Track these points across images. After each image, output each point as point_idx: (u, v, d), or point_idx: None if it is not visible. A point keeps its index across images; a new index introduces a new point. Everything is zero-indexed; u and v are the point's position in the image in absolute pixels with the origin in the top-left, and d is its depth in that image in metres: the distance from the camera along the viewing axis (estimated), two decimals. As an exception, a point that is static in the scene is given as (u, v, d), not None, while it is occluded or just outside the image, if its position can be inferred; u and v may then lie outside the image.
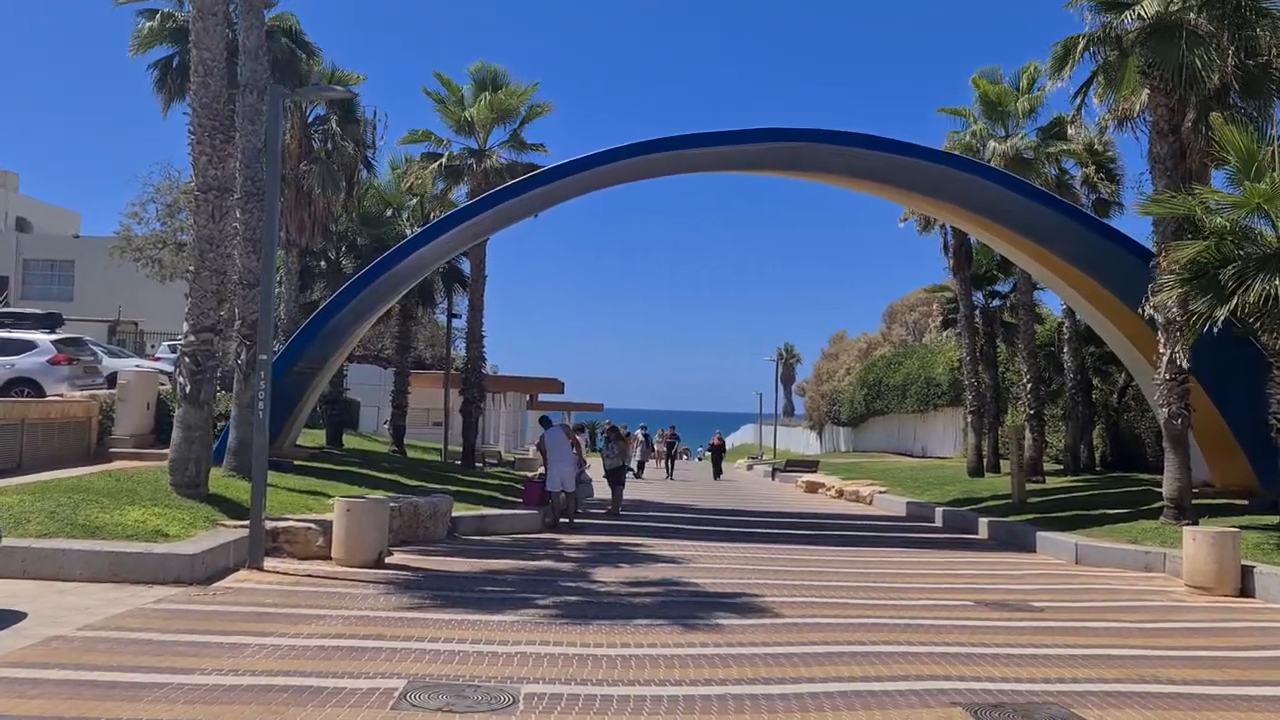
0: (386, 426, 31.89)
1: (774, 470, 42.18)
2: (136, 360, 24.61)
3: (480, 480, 23.15)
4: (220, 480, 14.47)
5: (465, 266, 28.61)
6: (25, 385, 18.84)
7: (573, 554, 14.17)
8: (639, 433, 39.05)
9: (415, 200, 27.87)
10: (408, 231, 25.71)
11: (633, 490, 26.42)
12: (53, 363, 19.59)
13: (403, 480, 19.26)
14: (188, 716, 6.04)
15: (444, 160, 25.85)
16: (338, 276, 25.46)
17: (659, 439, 43.94)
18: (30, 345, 19.85)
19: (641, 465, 37.45)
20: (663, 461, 41.12)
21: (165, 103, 20.46)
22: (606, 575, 12.20)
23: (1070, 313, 26.59)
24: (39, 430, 16.24)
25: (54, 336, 20.81)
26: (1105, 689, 7.47)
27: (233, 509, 12.97)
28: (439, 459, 28.83)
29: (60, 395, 18.64)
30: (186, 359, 13.55)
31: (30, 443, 15.85)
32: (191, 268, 13.86)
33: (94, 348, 22.73)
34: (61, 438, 16.91)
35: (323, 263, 26.95)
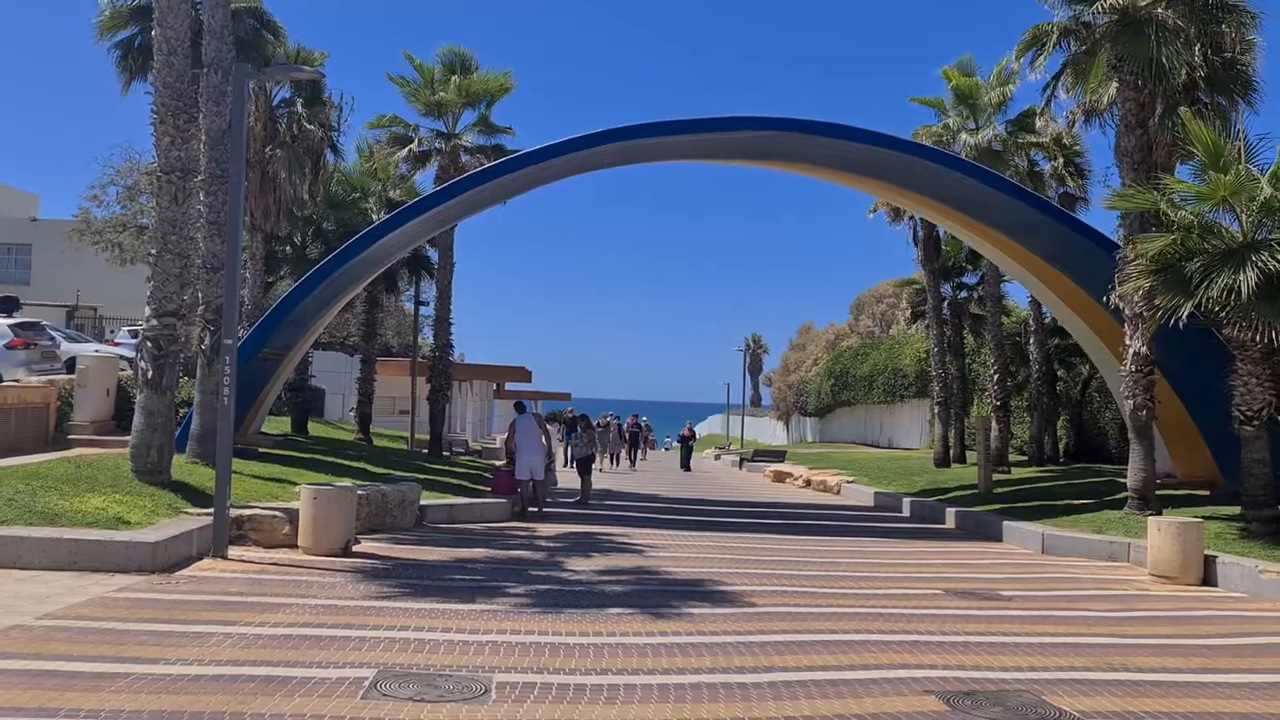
0: (352, 414, 31.62)
1: (741, 460, 42.33)
2: (96, 345, 24.17)
3: (448, 469, 22.99)
4: (183, 467, 14.24)
5: (433, 254, 28.38)
6: (-19, 370, 18.43)
7: (543, 543, 14.08)
8: (612, 420, 38.69)
9: (382, 185, 27.61)
10: (374, 217, 25.45)
11: (601, 480, 26.37)
12: (9, 347, 19.17)
13: (370, 468, 19.07)
14: (152, 707, 5.89)
15: (413, 145, 25.62)
16: (303, 262, 25.16)
17: (627, 426, 43.70)
18: (-14, 329, 19.42)
19: (615, 456, 37.06)
20: (628, 450, 40.42)
21: (126, 82, 20.04)
22: (577, 564, 12.13)
23: (1036, 304, 26.82)
24: (-5, 416, 15.87)
25: (11, 320, 20.36)
26: (1075, 676, 7.51)
27: (196, 497, 12.76)
28: (406, 447, 28.62)
29: (17, 381, 18.21)
30: (149, 344, 13.30)
31: (-14, 429, 15.49)
32: (154, 251, 13.59)
33: (52, 332, 22.28)
34: (18, 424, 16.53)
35: (288, 248, 26.63)
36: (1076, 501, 18.15)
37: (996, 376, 26.89)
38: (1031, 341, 27.90)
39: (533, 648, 7.72)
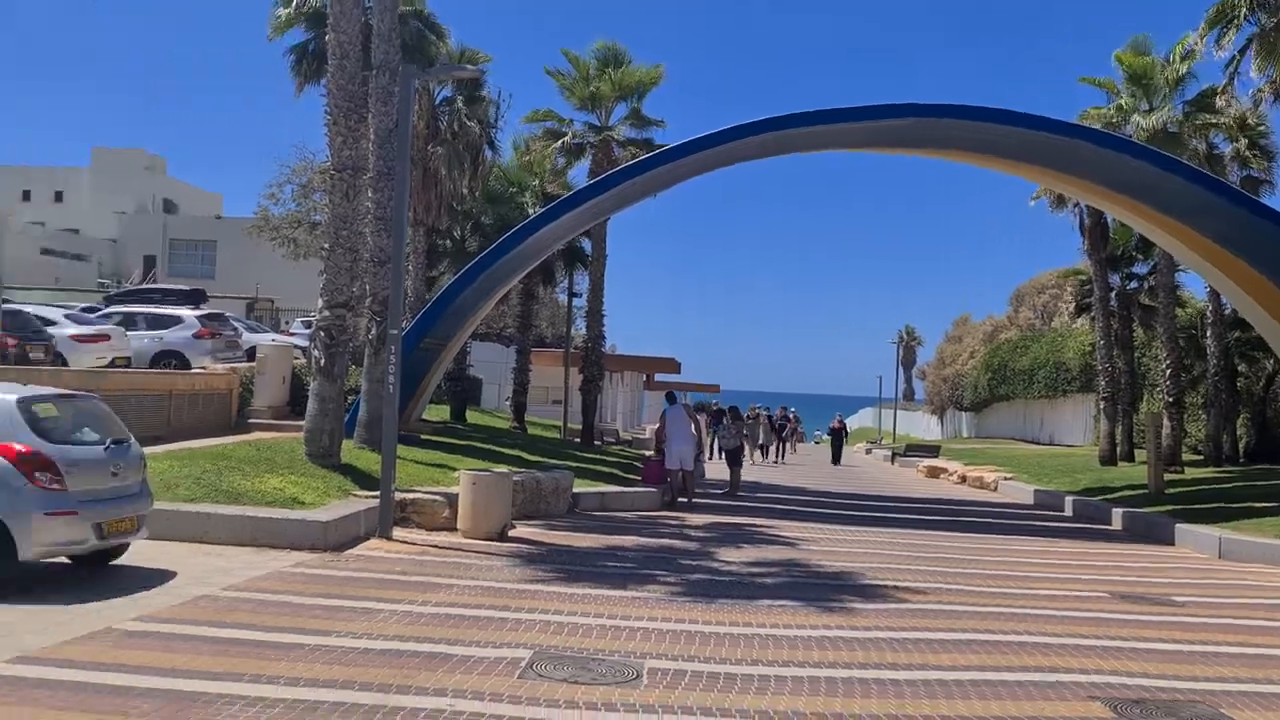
0: (507, 403, 32.44)
1: (894, 455, 41.44)
2: (273, 335, 25.61)
3: (599, 458, 23.37)
4: (351, 451, 14.96)
5: (587, 246, 28.83)
6: (172, 358, 19.85)
7: (693, 532, 14.18)
8: (761, 412, 38.43)
9: (537, 180, 28.23)
10: (530, 210, 26.03)
11: (749, 473, 26.27)
12: (198, 337, 20.56)
13: (524, 456, 19.56)
14: (326, 676, 6.26)
15: (567, 138, 26.11)
16: (462, 255, 25.98)
17: (776, 417, 43.25)
18: (177, 320, 20.89)
19: (765, 449, 36.72)
20: (777, 443, 39.62)
21: (299, 85, 21.14)
22: (728, 555, 12.17)
23: (1215, 295, 25.29)
24: (184, 400, 17.06)
25: (198, 312, 21.83)
26: (1256, 689, 7.09)
27: (363, 479, 13.40)
28: (558, 436, 29.21)
29: (204, 368, 19.53)
30: (321, 333, 14.03)
31: (176, 412, 16.66)
32: (326, 246, 14.33)
33: (234, 323, 23.78)
34: (205, 408, 17.72)
35: (448, 241, 27.56)
36: (1259, 504, 17.02)
37: (1169, 371, 25.48)
38: (1209, 334, 26.31)
39: (683, 636, 7.81)
